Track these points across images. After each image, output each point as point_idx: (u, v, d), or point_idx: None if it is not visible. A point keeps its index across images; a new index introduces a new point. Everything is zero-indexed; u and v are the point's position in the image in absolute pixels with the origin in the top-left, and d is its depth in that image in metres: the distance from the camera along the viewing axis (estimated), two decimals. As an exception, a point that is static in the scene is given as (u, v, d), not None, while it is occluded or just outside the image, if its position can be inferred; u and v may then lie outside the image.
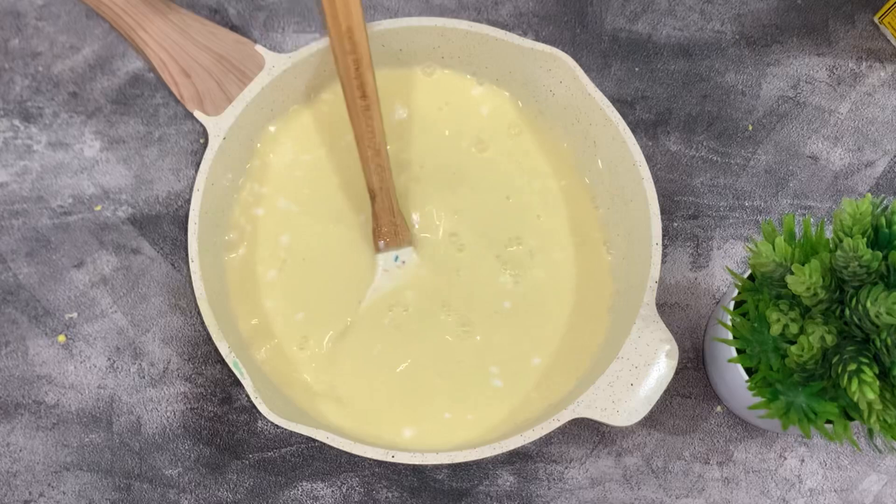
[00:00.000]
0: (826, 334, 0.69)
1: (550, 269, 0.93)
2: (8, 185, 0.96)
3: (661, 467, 0.91)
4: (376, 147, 0.87)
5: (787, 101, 1.02)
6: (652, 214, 0.87)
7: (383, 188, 0.89)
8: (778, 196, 0.99)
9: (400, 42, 0.94)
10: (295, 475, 0.89)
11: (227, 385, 0.91)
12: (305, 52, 0.91)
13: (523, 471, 0.90)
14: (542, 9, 1.04)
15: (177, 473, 0.89)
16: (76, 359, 0.91)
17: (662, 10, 1.05)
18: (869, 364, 0.68)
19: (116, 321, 0.92)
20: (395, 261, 0.92)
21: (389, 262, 0.92)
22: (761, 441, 0.92)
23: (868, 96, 1.03)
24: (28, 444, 0.89)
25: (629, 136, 0.89)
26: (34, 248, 0.94)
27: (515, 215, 0.94)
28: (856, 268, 0.67)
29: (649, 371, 0.81)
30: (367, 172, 0.89)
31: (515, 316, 0.91)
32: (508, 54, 0.93)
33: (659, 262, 0.85)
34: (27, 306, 0.92)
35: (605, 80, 1.02)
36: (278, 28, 1.03)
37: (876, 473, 0.91)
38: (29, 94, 0.99)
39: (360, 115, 0.86)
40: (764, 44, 1.04)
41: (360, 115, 0.86)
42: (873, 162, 1.00)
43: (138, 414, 0.90)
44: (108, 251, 0.94)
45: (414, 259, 0.92)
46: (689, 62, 1.03)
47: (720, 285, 0.96)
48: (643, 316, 0.83)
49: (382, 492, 0.89)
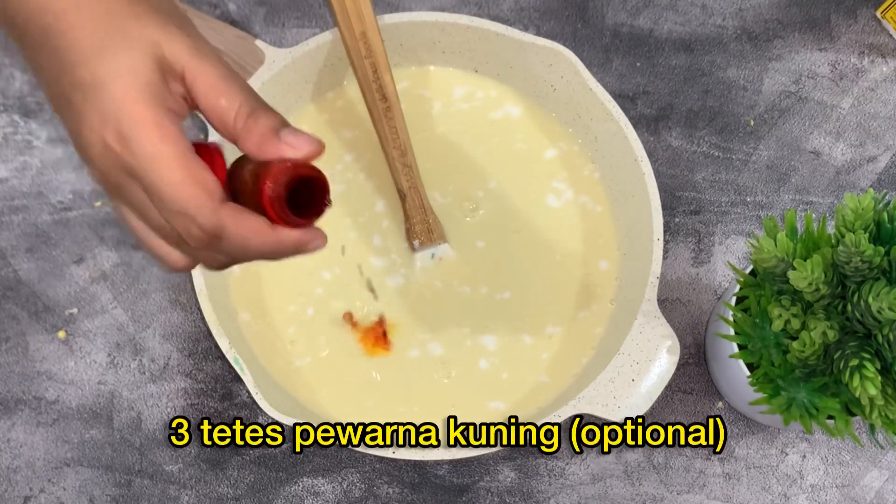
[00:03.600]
0: (828, 330, 0.69)
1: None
2: (8, 180, 0.95)
3: (663, 463, 0.90)
4: (402, 147, 0.88)
5: (788, 97, 1.02)
6: (653, 210, 0.87)
7: (412, 187, 0.90)
8: (780, 191, 0.98)
9: (401, 37, 0.94)
10: (296, 471, 0.89)
11: (227, 381, 0.91)
12: (306, 47, 0.91)
13: (524, 466, 0.90)
14: (542, 4, 1.04)
15: (177, 469, 0.89)
16: (76, 355, 0.91)
17: (664, 5, 1.04)
18: (871, 359, 0.68)
19: (117, 317, 0.92)
20: (432, 259, 0.92)
21: (426, 260, 0.92)
22: (763, 437, 0.91)
23: (870, 91, 1.02)
24: (28, 439, 0.89)
25: (630, 131, 0.89)
26: (34, 243, 0.94)
27: (521, 206, 0.94)
28: (858, 263, 0.67)
29: (650, 367, 0.81)
30: (394, 173, 0.90)
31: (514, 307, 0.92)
32: (509, 49, 0.93)
33: (660, 257, 0.85)
34: (27, 302, 0.92)
35: (607, 74, 1.02)
36: (279, 23, 1.02)
37: (877, 469, 0.91)
38: (29, 90, 0.98)
39: (383, 118, 0.87)
40: (766, 39, 1.04)
41: (383, 118, 0.87)
42: (875, 157, 1.00)
43: (139, 410, 0.90)
44: (108, 247, 0.94)
45: (450, 255, 0.92)
46: (691, 57, 1.03)
47: (721, 281, 0.96)
48: (644, 311, 0.83)
49: (383, 487, 0.89)
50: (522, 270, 0.93)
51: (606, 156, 0.93)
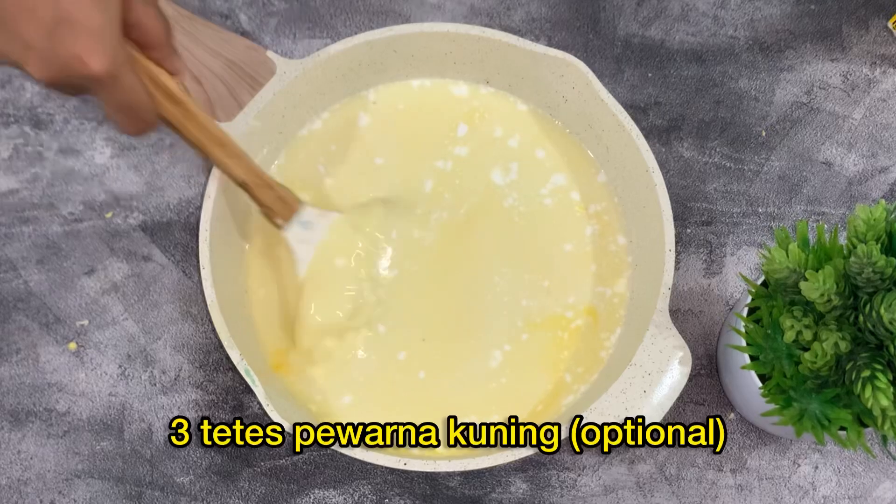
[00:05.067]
0: (840, 341, 0.69)
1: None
2: (19, 191, 0.96)
3: (675, 475, 0.90)
4: (219, 141, 0.81)
5: (800, 107, 1.02)
6: (665, 220, 0.87)
7: (248, 171, 0.84)
8: (791, 202, 0.98)
9: (412, 48, 0.94)
10: (307, 483, 0.89)
11: (238, 392, 0.91)
12: (317, 58, 0.91)
13: (536, 478, 0.90)
14: (554, 14, 1.04)
15: (188, 481, 0.89)
16: (87, 366, 0.91)
17: (675, 16, 1.04)
18: (883, 370, 0.67)
19: (127, 328, 0.92)
20: (305, 228, 0.89)
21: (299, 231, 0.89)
22: (775, 448, 0.91)
23: (882, 102, 1.02)
24: (39, 451, 0.89)
25: (642, 142, 0.89)
26: (45, 255, 0.94)
27: (530, 217, 0.94)
28: (870, 274, 0.67)
29: (662, 378, 0.80)
30: (227, 170, 0.83)
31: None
32: (521, 60, 0.93)
33: (672, 268, 0.85)
34: (38, 313, 0.92)
35: (618, 85, 1.02)
36: (289, 34, 1.03)
37: (890, 480, 0.91)
38: (39, 101, 0.99)
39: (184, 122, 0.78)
40: (777, 49, 1.04)
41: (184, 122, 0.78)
42: (887, 168, 1.00)
43: (149, 421, 0.90)
44: (119, 258, 0.94)
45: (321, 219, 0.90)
46: (703, 68, 1.03)
47: (733, 292, 0.96)
48: (656, 322, 0.83)
49: (395, 499, 0.89)
50: (531, 276, 0.92)
51: (618, 167, 0.93)
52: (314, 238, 0.89)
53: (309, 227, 0.89)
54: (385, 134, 0.96)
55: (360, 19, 1.04)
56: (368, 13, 1.04)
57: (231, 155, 0.82)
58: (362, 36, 0.91)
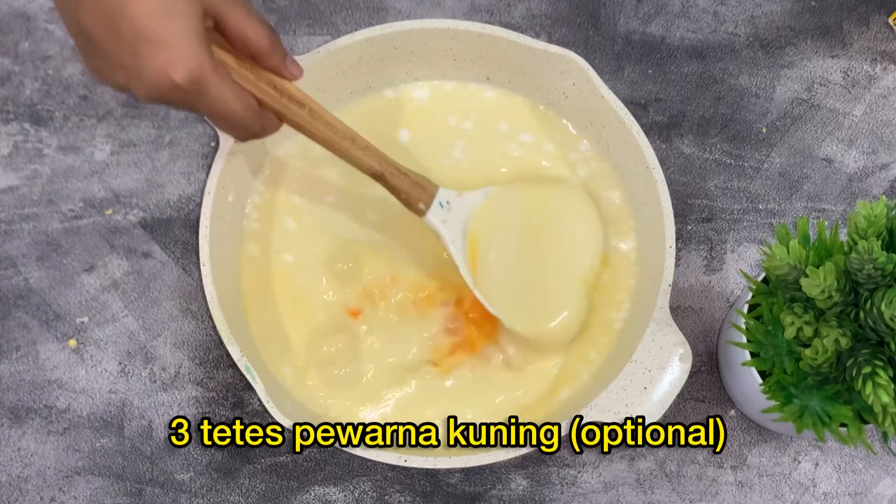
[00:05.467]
0: (840, 337, 0.69)
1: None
2: (18, 188, 0.96)
3: (675, 471, 0.90)
4: (349, 135, 0.84)
5: (801, 104, 1.02)
6: (665, 217, 0.86)
7: (381, 161, 0.86)
8: (792, 199, 0.98)
9: (412, 44, 0.94)
10: (307, 479, 0.89)
11: (238, 389, 0.91)
12: (317, 55, 0.91)
13: (536, 475, 0.90)
14: (554, 11, 1.04)
15: (189, 478, 0.89)
16: (87, 363, 0.91)
17: (676, 13, 1.04)
18: (884, 367, 0.67)
19: (127, 325, 0.92)
20: (442, 207, 0.89)
21: (439, 212, 0.89)
22: (775, 445, 0.91)
23: (883, 98, 1.02)
24: (39, 448, 0.89)
25: (642, 138, 0.89)
26: (45, 252, 0.94)
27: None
28: (870, 270, 0.67)
29: (662, 374, 0.80)
30: (359, 162, 0.86)
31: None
32: (521, 56, 0.93)
33: (672, 265, 0.85)
34: (38, 310, 0.92)
35: (619, 82, 1.02)
36: (290, 30, 1.02)
37: (890, 477, 0.91)
38: (39, 98, 0.99)
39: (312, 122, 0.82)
40: (778, 46, 1.04)
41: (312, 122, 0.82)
42: (888, 164, 1.00)
43: (150, 418, 0.90)
44: (119, 255, 0.94)
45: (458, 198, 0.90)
46: (703, 64, 1.03)
47: (734, 288, 0.96)
48: (656, 319, 0.83)
49: (395, 496, 0.89)
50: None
51: (619, 163, 0.93)
52: (456, 217, 0.89)
53: (447, 207, 0.89)
54: (385, 133, 0.96)
55: (360, 16, 1.03)
56: (368, 10, 1.04)
57: (361, 147, 0.85)
58: (362, 33, 0.91)
